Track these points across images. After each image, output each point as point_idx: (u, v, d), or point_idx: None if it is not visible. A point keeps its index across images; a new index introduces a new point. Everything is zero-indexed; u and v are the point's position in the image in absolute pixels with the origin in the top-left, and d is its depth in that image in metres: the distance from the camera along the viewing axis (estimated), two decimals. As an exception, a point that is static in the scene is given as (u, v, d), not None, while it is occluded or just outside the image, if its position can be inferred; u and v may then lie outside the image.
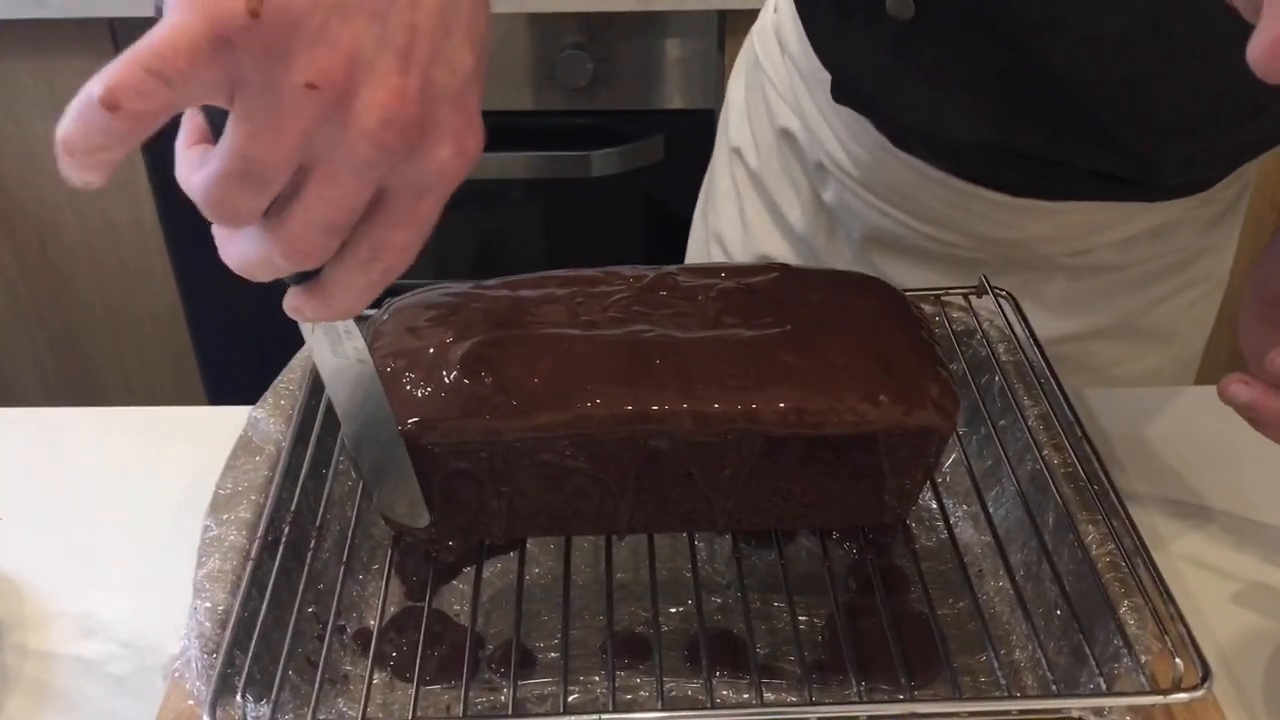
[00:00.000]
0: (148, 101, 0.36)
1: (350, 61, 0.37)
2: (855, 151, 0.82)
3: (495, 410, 0.56)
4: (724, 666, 0.60)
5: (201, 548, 0.60)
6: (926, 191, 0.80)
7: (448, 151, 0.41)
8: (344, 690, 0.60)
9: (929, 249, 0.83)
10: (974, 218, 0.80)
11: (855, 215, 0.85)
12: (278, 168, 0.38)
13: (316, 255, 0.41)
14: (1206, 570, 0.69)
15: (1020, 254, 0.82)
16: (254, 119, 0.38)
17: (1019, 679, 0.59)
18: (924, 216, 0.82)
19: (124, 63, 0.36)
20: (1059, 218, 0.79)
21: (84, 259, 1.65)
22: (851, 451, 0.58)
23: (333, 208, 0.40)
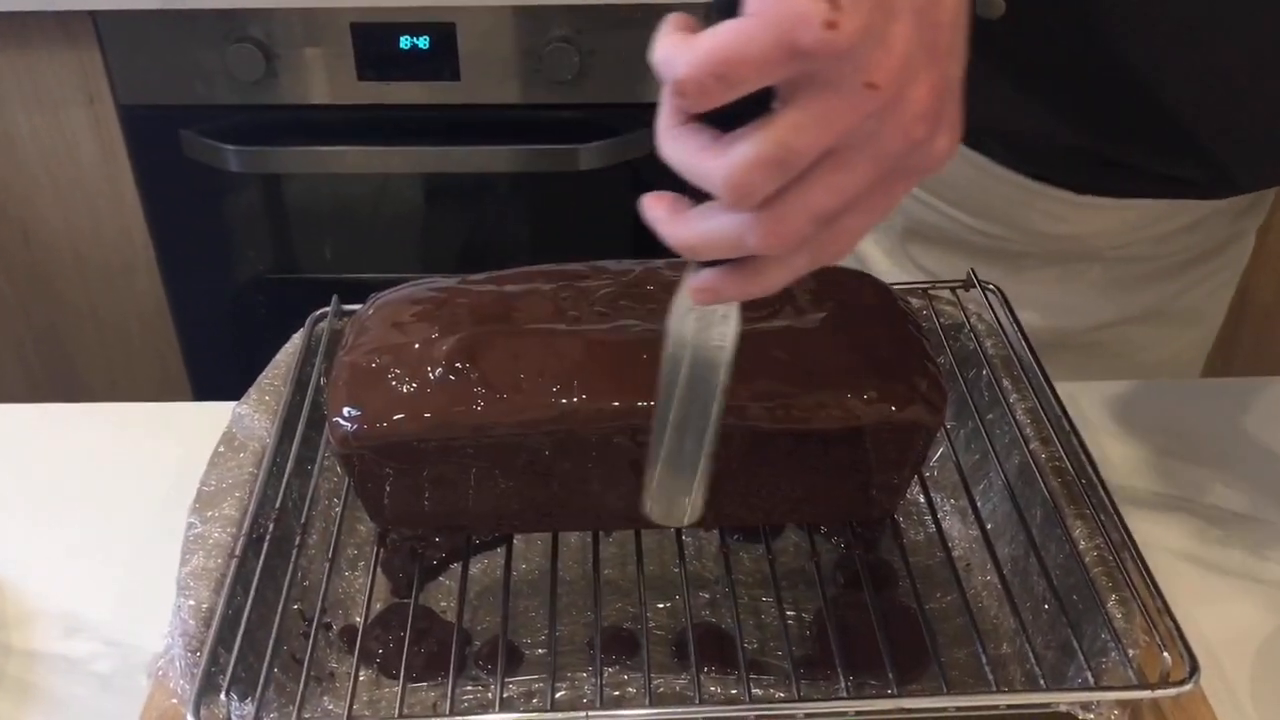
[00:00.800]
0: (707, 99, 0.38)
1: (904, 62, 0.38)
2: None
3: (480, 406, 0.55)
4: (712, 662, 0.60)
5: (185, 545, 0.59)
6: (988, 189, 0.80)
7: (945, 142, 0.41)
8: (330, 688, 0.60)
9: (973, 241, 0.83)
10: (1035, 214, 0.80)
11: (899, 209, 0.85)
12: (810, 158, 0.39)
13: (797, 241, 0.41)
14: (1193, 564, 0.69)
15: (1069, 247, 0.82)
16: (807, 112, 0.38)
17: (1007, 673, 0.59)
18: (979, 212, 0.82)
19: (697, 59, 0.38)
20: (1118, 214, 0.79)
21: (68, 255, 1.63)
22: (839, 446, 0.57)
23: (836, 196, 0.40)
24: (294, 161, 1.55)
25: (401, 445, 0.56)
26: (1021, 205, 0.80)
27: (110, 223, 1.61)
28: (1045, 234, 0.81)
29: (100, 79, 1.49)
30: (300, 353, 0.70)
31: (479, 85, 1.50)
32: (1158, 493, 0.74)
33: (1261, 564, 0.69)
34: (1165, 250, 0.83)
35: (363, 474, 0.58)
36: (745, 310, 0.60)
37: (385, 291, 0.63)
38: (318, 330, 0.72)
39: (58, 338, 1.72)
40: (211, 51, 1.45)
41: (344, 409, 0.56)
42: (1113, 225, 0.80)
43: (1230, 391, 0.84)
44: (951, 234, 0.84)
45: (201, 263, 1.65)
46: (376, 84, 1.49)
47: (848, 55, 0.37)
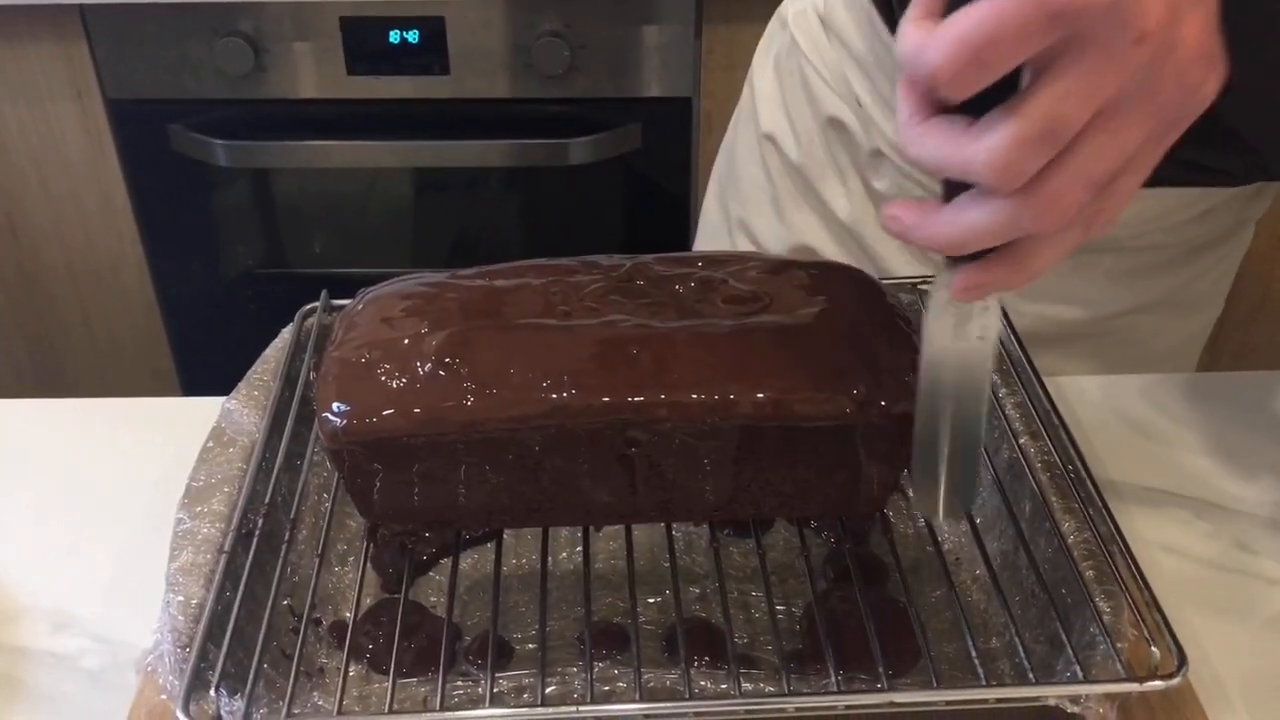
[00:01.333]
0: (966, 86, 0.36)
1: (1170, 5, 0.36)
2: None
3: (470, 401, 0.55)
4: (702, 657, 0.60)
5: (174, 541, 0.59)
6: None
7: (1213, 84, 0.39)
8: (320, 683, 0.60)
9: None
10: None
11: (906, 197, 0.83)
12: (1077, 127, 0.37)
13: (1073, 213, 0.39)
14: (1182, 558, 0.69)
15: None
16: (1072, 78, 0.36)
17: (996, 667, 0.60)
18: None
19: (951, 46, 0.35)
20: (1140, 204, 0.78)
21: (55, 250, 1.63)
22: (829, 442, 0.58)
23: (1111, 158, 0.38)
24: (283, 156, 1.55)
25: (391, 441, 0.56)
26: None
27: (98, 217, 1.60)
28: None
29: (88, 73, 1.49)
30: (289, 348, 0.70)
31: (469, 79, 1.49)
32: (1146, 487, 0.74)
33: (1249, 557, 0.69)
34: (1175, 239, 0.83)
35: (352, 469, 0.58)
36: (733, 307, 0.60)
37: (374, 286, 0.63)
38: (307, 325, 0.72)
39: (45, 333, 1.71)
40: (200, 45, 1.45)
41: (333, 404, 0.56)
42: (1133, 215, 0.79)
43: (1218, 386, 0.84)
44: None
45: (190, 258, 1.64)
46: (366, 78, 1.49)
47: (1111, 9, 0.35)
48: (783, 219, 0.92)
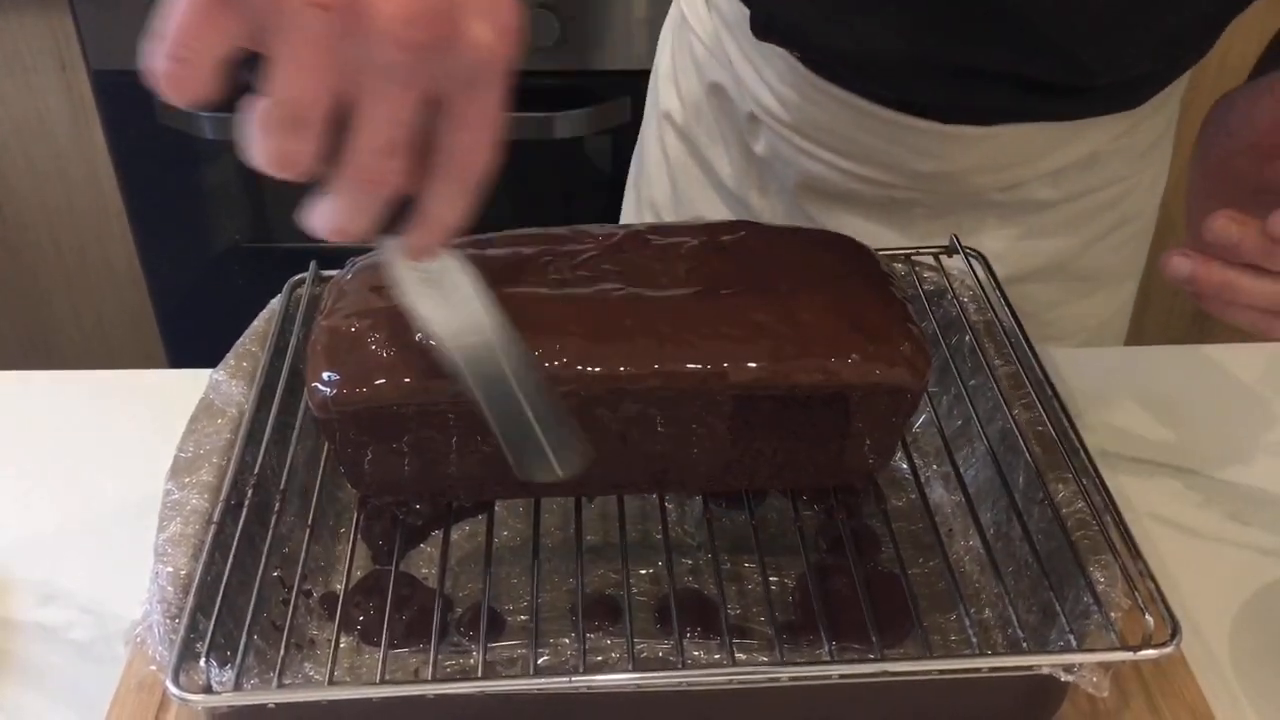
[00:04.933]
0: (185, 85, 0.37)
1: None
2: (783, 93, 0.81)
3: (462, 370, 0.55)
4: (695, 628, 0.60)
5: (162, 512, 0.59)
6: (856, 125, 0.79)
7: (484, 30, 0.39)
8: (310, 655, 0.60)
9: (862, 193, 0.83)
10: (904, 150, 0.79)
11: (787, 163, 0.84)
12: (315, 102, 0.38)
13: (390, 179, 0.40)
14: (1174, 528, 0.69)
15: (952, 189, 0.81)
16: (281, 60, 0.37)
17: (989, 637, 0.60)
18: (855, 155, 0.81)
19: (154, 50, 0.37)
20: (988, 144, 0.78)
21: (41, 223, 1.62)
22: (823, 411, 0.57)
23: (386, 126, 0.39)
24: (270, 128, 1.54)
25: (381, 410, 0.56)
26: (890, 141, 0.79)
27: (84, 190, 1.59)
28: (923, 174, 0.80)
29: (72, 44, 1.47)
30: (278, 318, 0.69)
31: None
32: (1139, 457, 0.74)
33: (1241, 528, 0.69)
34: (1059, 194, 0.82)
35: (342, 440, 0.58)
36: (726, 275, 0.59)
37: (365, 255, 0.63)
38: (296, 295, 0.71)
39: (31, 307, 1.70)
40: (185, 16, 1.43)
41: (323, 374, 0.56)
42: (984, 158, 0.79)
43: (1211, 357, 0.84)
44: (842, 186, 0.83)
45: (177, 231, 1.63)
46: (353, 50, 1.47)
47: None
48: (678, 192, 0.94)
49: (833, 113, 0.80)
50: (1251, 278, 0.52)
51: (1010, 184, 0.81)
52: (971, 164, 0.79)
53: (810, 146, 0.82)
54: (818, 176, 0.83)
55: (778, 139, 0.84)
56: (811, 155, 0.83)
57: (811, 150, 0.83)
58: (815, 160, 0.83)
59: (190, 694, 0.50)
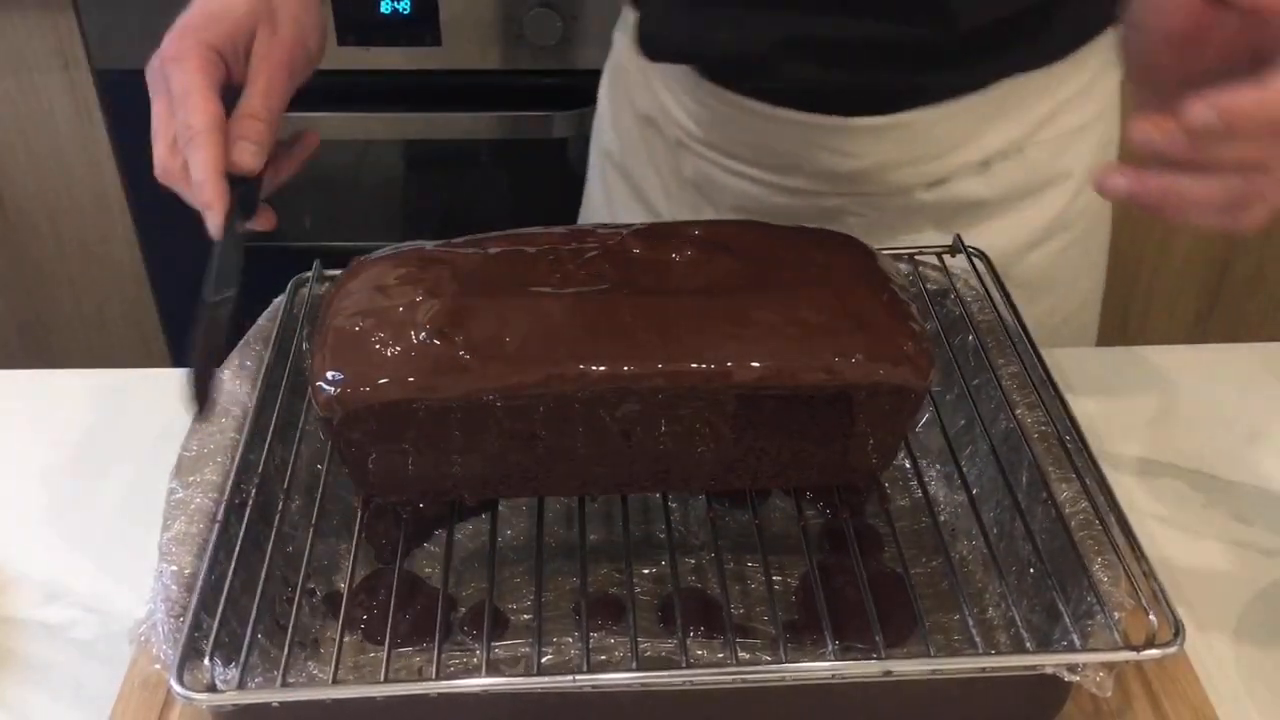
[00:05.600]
0: None
1: None
2: (698, 113, 0.82)
3: (465, 370, 0.55)
4: (698, 627, 0.60)
5: (166, 511, 0.59)
6: (766, 133, 0.80)
7: None
8: (314, 653, 0.60)
9: (791, 207, 0.83)
10: (818, 151, 0.79)
11: (715, 184, 0.85)
12: None
13: None
14: (1178, 528, 0.69)
15: (877, 189, 0.81)
16: None
17: (993, 637, 0.60)
18: (773, 165, 0.81)
19: None
20: (897, 133, 0.78)
21: (44, 222, 1.62)
22: (826, 410, 0.57)
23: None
24: (273, 127, 1.53)
25: (385, 409, 0.56)
26: (802, 143, 0.79)
27: (87, 189, 1.59)
28: (838, 173, 0.80)
29: (75, 43, 1.47)
30: (281, 317, 0.69)
31: (460, 51, 1.48)
32: (1142, 457, 0.74)
33: (1245, 528, 0.69)
34: (990, 189, 0.81)
35: (346, 438, 0.58)
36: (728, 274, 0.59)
37: (369, 255, 0.63)
38: (300, 295, 0.71)
39: (35, 305, 1.70)
40: (188, 15, 1.43)
41: (327, 373, 0.56)
42: (898, 149, 0.79)
43: (1214, 357, 0.84)
44: (770, 202, 0.83)
45: (179, 230, 1.62)
46: (356, 49, 1.47)
47: None
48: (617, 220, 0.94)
49: (744, 124, 0.80)
50: (1191, 178, 0.50)
51: (935, 179, 0.81)
52: (886, 158, 0.79)
53: (732, 164, 0.83)
54: (746, 195, 0.84)
55: (703, 162, 0.85)
56: (736, 173, 0.83)
57: (734, 167, 0.83)
58: (740, 178, 0.83)
59: (195, 692, 0.50)
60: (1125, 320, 1.69)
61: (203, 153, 0.60)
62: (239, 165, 0.61)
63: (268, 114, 0.62)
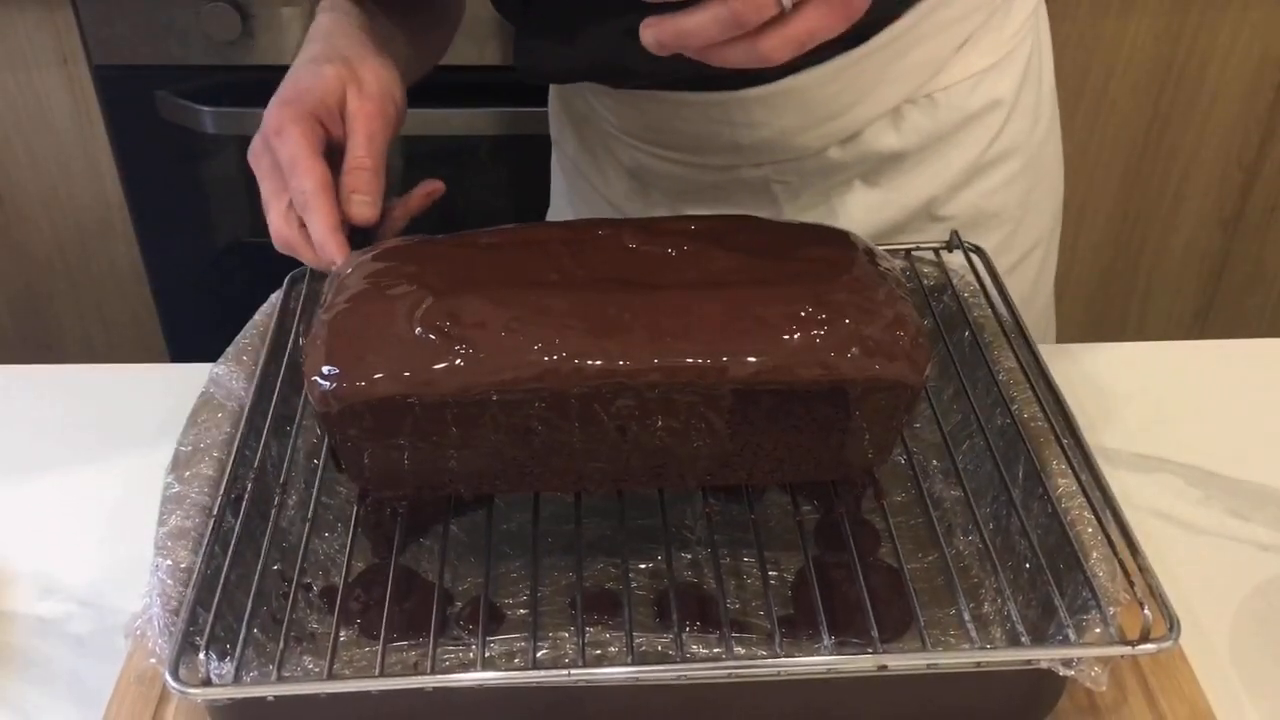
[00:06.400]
0: None
1: None
2: (611, 105, 0.84)
3: (461, 364, 0.55)
4: (694, 622, 0.60)
5: (162, 505, 0.59)
6: (670, 117, 0.81)
7: None
8: (310, 648, 0.60)
9: (720, 183, 0.84)
10: (720, 126, 0.80)
11: (649, 171, 0.87)
12: None
13: None
14: (1174, 524, 0.69)
15: (791, 153, 0.81)
16: None
17: (988, 632, 0.60)
18: (687, 146, 0.83)
19: None
20: (789, 98, 0.78)
21: (42, 218, 1.62)
22: (822, 405, 0.57)
23: None
24: (271, 123, 1.53)
25: (381, 404, 0.56)
26: (705, 122, 0.80)
27: (85, 185, 1.59)
28: (747, 145, 0.81)
29: (74, 39, 1.47)
30: (277, 312, 0.69)
31: (459, 47, 1.47)
32: (1139, 453, 0.74)
33: (1241, 523, 0.69)
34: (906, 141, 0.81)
35: (342, 433, 0.58)
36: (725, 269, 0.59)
37: (365, 250, 0.63)
38: (296, 290, 0.71)
39: (33, 300, 1.70)
40: (186, 10, 1.43)
41: (323, 368, 0.56)
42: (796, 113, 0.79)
43: (1211, 352, 0.84)
44: (697, 180, 0.84)
45: (178, 226, 1.63)
46: (355, 45, 1.47)
47: None
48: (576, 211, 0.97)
49: (647, 111, 0.82)
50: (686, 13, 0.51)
51: (845, 135, 0.81)
52: (787, 123, 0.79)
53: (654, 149, 0.85)
54: (676, 177, 0.85)
55: (634, 150, 0.86)
56: (661, 158, 0.85)
57: (658, 153, 0.85)
58: (666, 161, 0.85)
59: (190, 687, 0.50)
60: (1124, 317, 1.69)
61: (318, 214, 0.64)
62: (355, 218, 0.65)
63: (373, 162, 0.67)
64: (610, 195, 0.91)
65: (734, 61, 0.53)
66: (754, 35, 0.51)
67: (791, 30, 0.51)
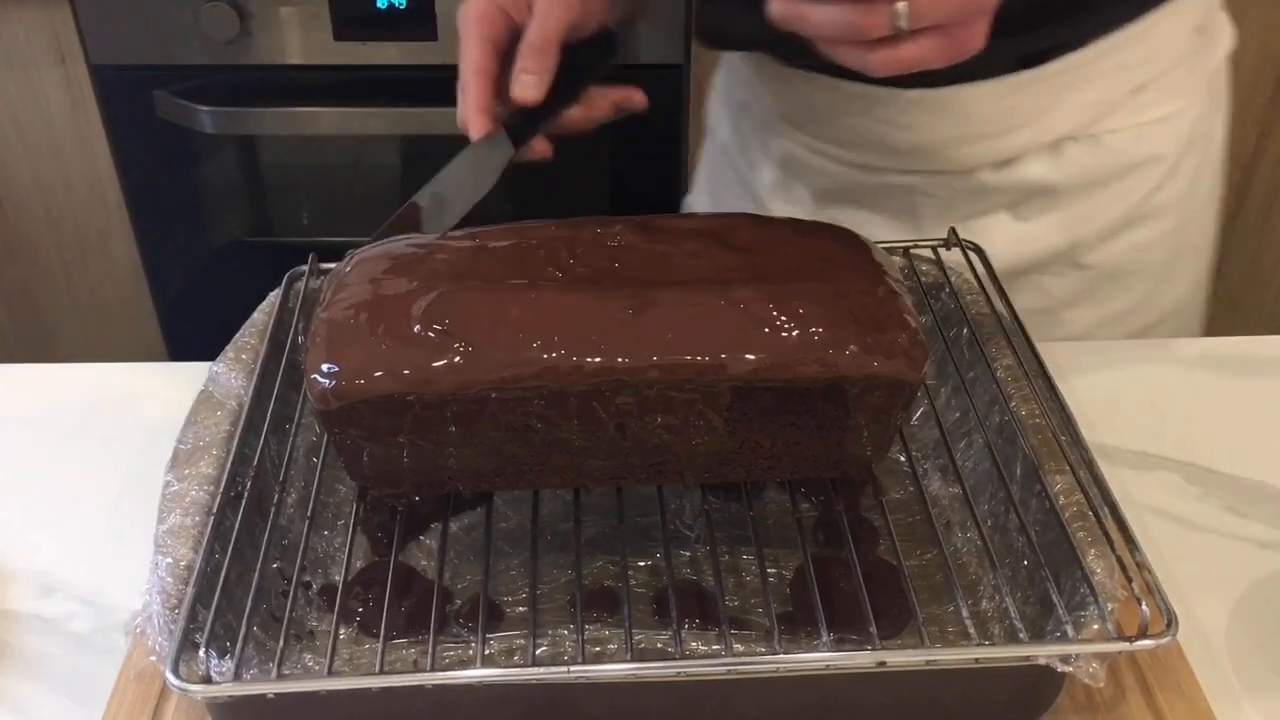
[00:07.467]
0: None
1: None
2: (775, 89, 0.85)
3: (460, 362, 0.55)
4: (693, 619, 0.60)
5: (162, 503, 0.59)
6: (831, 108, 0.82)
7: None
8: (310, 645, 0.60)
9: (868, 185, 0.84)
10: (878, 124, 0.81)
11: (800, 164, 0.87)
12: None
13: None
14: (1172, 521, 0.69)
15: (942, 164, 0.81)
16: None
17: (986, 628, 0.60)
18: (842, 140, 0.83)
19: None
20: (950, 107, 0.79)
21: (41, 216, 1.62)
22: (820, 402, 0.57)
23: None
24: (269, 123, 1.54)
25: (380, 402, 0.56)
26: (866, 116, 0.81)
27: (83, 184, 1.59)
28: (901, 148, 0.81)
29: (72, 38, 1.47)
30: (276, 310, 0.69)
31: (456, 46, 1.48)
32: (1136, 450, 0.74)
33: (1238, 520, 0.69)
34: (1063, 175, 0.81)
35: (341, 431, 0.58)
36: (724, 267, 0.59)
37: (364, 247, 0.63)
38: (295, 288, 0.71)
39: (32, 299, 1.70)
40: (185, 10, 1.43)
41: (322, 365, 0.56)
42: (954, 123, 0.79)
43: (1209, 350, 0.84)
44: (844, 180, 0.85)
45: (176, 225, 1.63)
46: (353, 44, 1.47)
47: None
48: (717, 204, 0.98)
49: (811, 99, 0.82)
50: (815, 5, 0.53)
51: (1001, 158, 0.81)
52: (944, 132, 0.80)
53: (809, 141, 0.85)
54: (825, 173, 0.85)
55: (788, 141, 0.86)
56: (814, 150, 0.85)
57: (812, 145, 0.85)
58: (818, 155, 0.85)
59: (190, 684, 0.50)
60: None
61: (468, 94, 0.70)
62: (518, 98, 0.68)
63: (542, 42, 0.68)
64: (755, 185, 0.92)
65: (841, 59, 0.55)
66: (866, 45, 0.53)
67: (902, 53, 0.53)
